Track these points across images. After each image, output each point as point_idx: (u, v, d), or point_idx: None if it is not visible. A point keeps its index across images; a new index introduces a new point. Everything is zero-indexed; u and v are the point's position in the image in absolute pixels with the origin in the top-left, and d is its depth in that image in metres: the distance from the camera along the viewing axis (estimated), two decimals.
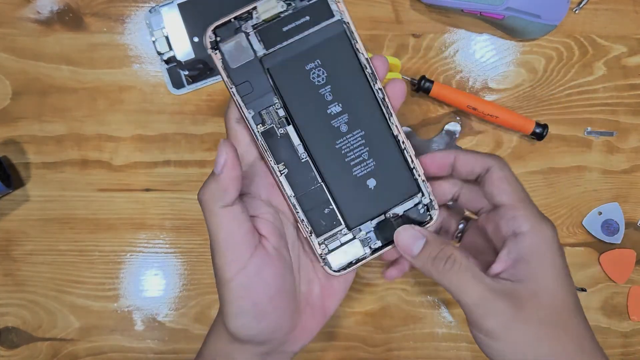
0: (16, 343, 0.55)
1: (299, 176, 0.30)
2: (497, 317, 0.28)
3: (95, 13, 0.56)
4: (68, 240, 0.55)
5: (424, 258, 0.30)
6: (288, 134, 0.30)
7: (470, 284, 0.28)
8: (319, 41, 0.29)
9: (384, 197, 0.31)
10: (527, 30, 0.55)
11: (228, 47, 0.29)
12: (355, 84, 0.29)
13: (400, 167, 0.31)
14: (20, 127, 0.55)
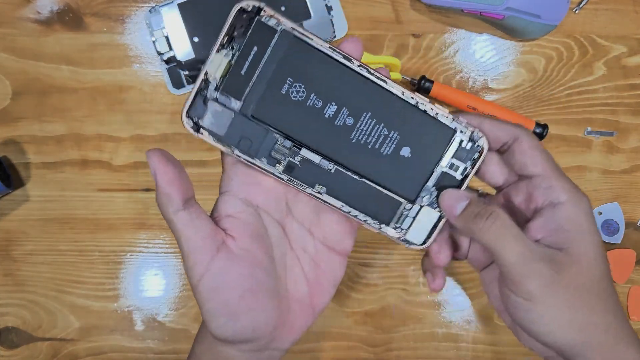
0: (16, 343, 0.55)
1: (338, 185, 0.30)
2: (538, 278, 0.27)
3: (95, 13, 0.56)
4: (68, 240, 0.55)
5: (466, 216, 0.29)
6: (305, 157, 0.29)
7: (512, 242, 0.27)
8: (278, 61, 0.28)
9: (425, 157, 0.30)
10: (527, 30, 0.55)
11: (207, 121, 0.29)
12: (333, 78, 0.28)
13: (423, 121, 0.30)
14: (20, 127, 0.55)
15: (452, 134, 0.30)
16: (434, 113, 0.30)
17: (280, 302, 0.31)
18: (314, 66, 0.28)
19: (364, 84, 0.29)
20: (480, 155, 0.30)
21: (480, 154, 0.31)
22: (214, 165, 0.56)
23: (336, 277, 0.34)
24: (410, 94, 0.29)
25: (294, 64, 0.28)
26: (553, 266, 0.27)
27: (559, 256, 0.28)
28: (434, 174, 0.31)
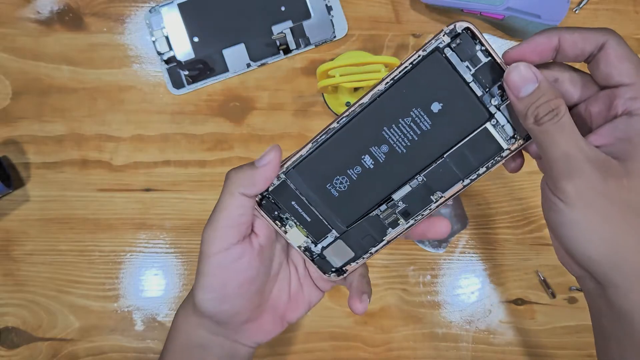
0: (16, 343, 0.55)
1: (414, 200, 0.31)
2: (580, 179, 0.26)
3: (95, 13, 0.56)
4: (68, 240, 0.55)
5: (528, 102, 0.27)
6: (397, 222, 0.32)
7: (564, 138, 0.26)
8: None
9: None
10: (527, 30, 0.55)
11: (331, 255, 0.33)
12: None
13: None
14: (20, 127, 0.55)
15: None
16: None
17: (261, 301, 0.34)
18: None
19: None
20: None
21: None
22: (214, 166, 0.56)
23: (312, 303, 0.37)
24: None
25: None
26: (602, 173, 0.26)
27: (613, 165, 0.26)
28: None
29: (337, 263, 0.33)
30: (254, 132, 0.56)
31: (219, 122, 0.56)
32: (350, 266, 0.33)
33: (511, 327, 0.56)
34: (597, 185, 0.25)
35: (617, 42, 0.27)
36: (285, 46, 0.56)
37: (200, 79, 0.56)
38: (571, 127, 0.26)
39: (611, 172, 0.26)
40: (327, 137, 0.30)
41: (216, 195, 0.31)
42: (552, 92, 0.27)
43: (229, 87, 0.56)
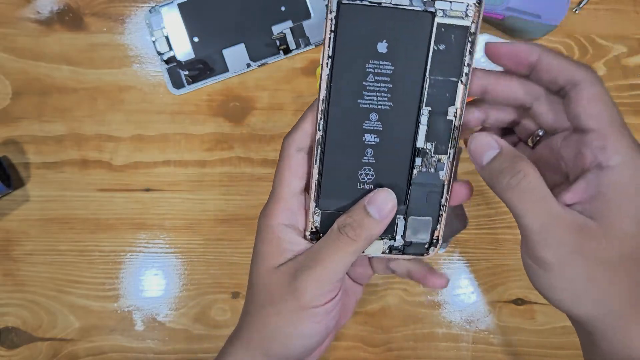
0: (16, 343, 0.55)
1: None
2: (557, 248, 0.25)
3: (95, 13, 0.56)
4: (68, 240, 0.55)
5: (492, 168, 0.26)
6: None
7: (536, 206, 0.25)
8: None
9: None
10: (527, 30, 0.55)
11: (415, 235, 0.31)
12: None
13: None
14: (20, 127, 0.55)
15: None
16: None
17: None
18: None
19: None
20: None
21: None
22: (213, 166, 0.56)
23: (357, 298, 0.36)
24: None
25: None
26: (579, 236, 0.25)
27: (590, 226, 0.25)
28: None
29: (426, 237, 0.31)
30: (253, 132, 0.56)
31: (218, 122, 0.56)
32: (438, 230, 0.31)
33: (511, 327, 0.56)
34: (577, 250, 0.25)
35: (592, 82, 0.26)
36: (285, 46, 0.56)
37: (200, 79, 0.56)
38: (541, 192, 0.25)
39: (589, 234, 0.25)
40: (323, 148, 0.29)
41: (216, 195, 0.31)
42: (515, 156, 0.26)
43: (228, 87, 0.56)
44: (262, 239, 0.30)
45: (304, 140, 0.29)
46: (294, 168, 0.29)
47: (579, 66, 0.26)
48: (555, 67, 0.26)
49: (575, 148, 0.27)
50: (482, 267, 0.56)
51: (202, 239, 0.55)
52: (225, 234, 0.55)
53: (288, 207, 0.29)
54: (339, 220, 0.29)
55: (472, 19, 0.27)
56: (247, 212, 0.55)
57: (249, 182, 0.56)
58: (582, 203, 0.26)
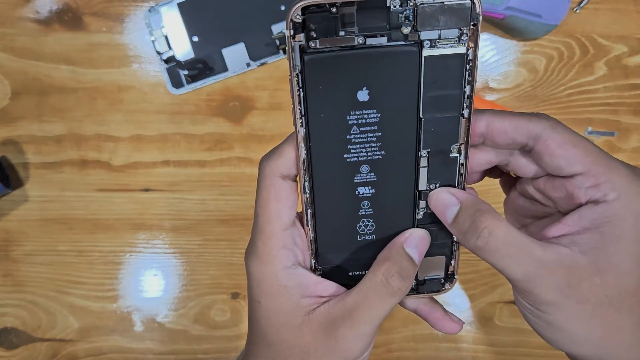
0: (15, 343, 0.55)
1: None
2: (547, 293, 0.24)
3: (95, 12, 0.56)
4: (67, 240, 0.55)
5: (457, 228, 0.25)
6: None
7: (513, 259, 0.23)
8: None
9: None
10: (527, 29, 0.55)
11: (429, 273, 0.30)
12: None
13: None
14: (19, 127, 0.55)
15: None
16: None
17: None
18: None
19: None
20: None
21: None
22: (213, 166, 0.56)
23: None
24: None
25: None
26: (569, 276, 0.23)
27: (580, 263, 0.23)
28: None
29: (441, 273, 0.30)
30: (253, 132, 0.56)
31: (218, 122, 0.56)
32: (453, 265, 0.29)
33: (512, 327, 0.55)
34: (569, 292, 0.23)
35: (553, 129, 0.24)
36: (285, 46, 0.56)
37: (199, 79, 0.55)
38: (514, 242, 0.24)
39: (580, 273, 0.23)
40: (313, 209, 0.26)
41: (215, 196, 0.31)
42: (477, 211, 0.25)
43: (228, 87, 0.56)
44: (265, 293, 0.26)
45: (289, 168, 0.25)
46: (282, 198, 0.26)
47: (531, 118, 0.25)
48: (509, 129, 0.25)
49: (563, 190, 0.25)
50: (482, 267, 0.55)
51: (202, 240, 0.55)
52: (224, 234, 0.55)
53: (283, 245, 0.26)
54: (384, 269, 0.26)
55: (468, 45, 0.23)
56: (246, 213, 0.55)
57: (248, 183, 0.55)
58: (573, 235, 0.24)
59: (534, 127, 0.24)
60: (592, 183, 0.24)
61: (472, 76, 0.24)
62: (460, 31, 0.23)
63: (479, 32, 0.23)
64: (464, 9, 0.23)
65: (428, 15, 0.23)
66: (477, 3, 0.22)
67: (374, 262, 0.27)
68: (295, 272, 0.26)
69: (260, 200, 0.26)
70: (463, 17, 0.23)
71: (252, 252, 0.26)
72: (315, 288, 0.27)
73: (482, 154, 0.27)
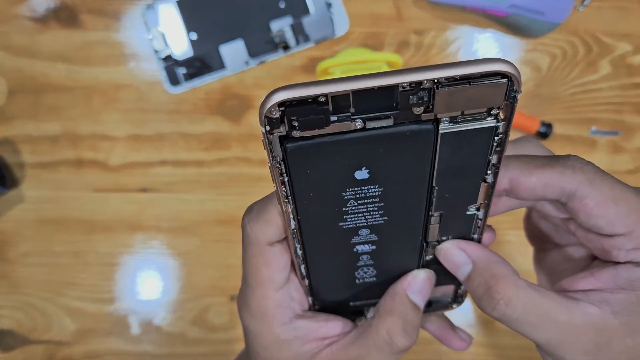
0: (11, 346, 0.54)
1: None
2: (575, 356, 0.22)
3: (91, 10, 0.55)
4: (63, 241, 0.55)
5: (471, 291, 0.23)
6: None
7: (535, 328, 0.22)
8: None
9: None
10: (530, 27, 0.54)
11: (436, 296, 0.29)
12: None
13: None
14: (15, 126, 0.55)
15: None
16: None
17: None
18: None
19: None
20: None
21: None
22: (211, 165, 0.55)
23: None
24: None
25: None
26: (600, 338, 0.22)
27: (611, 326, 0.22)
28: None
29: (449, 297, 0.29)
30: (252, 132, 0.55)
31: (216, 121, 0.55)
32: (462, 289, 0.28)
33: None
34: (599, 355, 0.22)
35: (591, 185, 0.21)
36: (284, 43, 0.55)
37: (197, 77, 0.55)
38: (535, 309, 0.22)
39: (611, 335, 0.22)
40: (306, 265, 0.24)
41: (213, 196, 0.30)
42: (491, 276, 0.23)
43: (226, 85, 0.55)
44: (264, 347, 0.25)
45: (278, 235, 0.23)
46: (272, 264, 0.24)
47: (564, 171, 0.22)
48: (535, 187, 0.22)
49: (599, 245, 0.23)
50: None
51: (200, 241, 0.55)
52: (223, 235, 0.55)
53: (278, 304, 0.25)
54: (387, 326, 0.25)
55: (499, 116, 0.19)
56: None
57: (247, 183, 0.55)
58: (604, 292, 0.22)
59: (569, 183, 0.21)
60: (635, 245, 0.22)
61: (501, 147, 0.20)
62: (489, 109, 0.18)
63: (515, 107, 0.18)
64: (497, 88, 0.17)
65: (449, 98, 0.17)
66: (516, 80, 0.17)
67: (377, 311, 0.26)
68: (294, 325, 0.25)
69: (248, 265, 0.24)
70: (496, 96, 0.18)
71: (246, 307, 0.25)
72: (317, 333, 0.26)
73: (504, 202, 0.25)
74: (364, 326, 0.25)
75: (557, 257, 0.28)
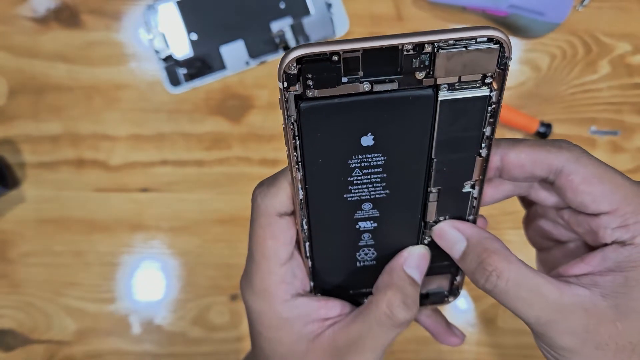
0: (12, 345, 0.54)
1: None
2: (564, 337, 0.23)
3: (92, 10, 0.55)
4: (64, 241, 0.55)
5: (465, 267, 0.24)
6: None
7: (524, 302, 0.22)
8: None
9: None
10: (530, 27, 0.54)
11: (432, 288, 0.29)
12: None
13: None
14: (16, 126, 0.55)
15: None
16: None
17: None
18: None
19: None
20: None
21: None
22: (212, 165, 0.55)
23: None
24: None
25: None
26: (589, 320, 0.22)
27: (599, 307, 0.22)
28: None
29: (445, 288, 0.29)
30: (252, 131, 0.55)
31: (217, 121, 0.55)
32: (457, 281, 0.28)
33: (515, 329, 0.55)
34: (587, 337, 0.22)
35: (577, 162, 0.22)
36: (284, 44, 0.55)
37: (198, 77, 0.55)
38: (525, 284, 0.22)
39: (601, 317, 0.22)
40: (310, 243, 0.25)
41: (214, 196, 0.30)
42: (484, 250, 0.23)
43: (227, 85, 0.55)
44: (266, 326, 0.26)
45: (286, 206, 0.24)
46: (279, 236, 0.24)
47: (551, 149, 0.22)
48: (527, 162, 0.23)
49: (587, 226, 0.24)
50: None
51: (200, 240, 0.55)
52: (223, 235, 0.55)
53: (281, 280, 0.25)
54: (387, 300, 0.25)
55: (492, 86, 0.21)
56: (245, 213, 0.54)
57: (247, 182, 0.55)
58: (595, 275, 0.23)
59: (555, 159, 0.22)
60: (620, 223, 0.22)
61: (494, 117, 0.21)
62: (484, 76, 0.20)
63: (507, 76, 0.20)
64: (490, 53, 0.19)
65: (448, 62, 0.19)
66: (507, 46, 0.19)
67: (376, 288, 0.26)
68: (296, 303, 0.26)
69: (255, 237, 0.25)
70: (489, 62, 0.20)
71: (249, 286, 0.26)
72: (319, 312, 0.26)
73: (498, 187, 0.25)
74: (364, 305, 0.26)
75: (558, 254, 0.28)
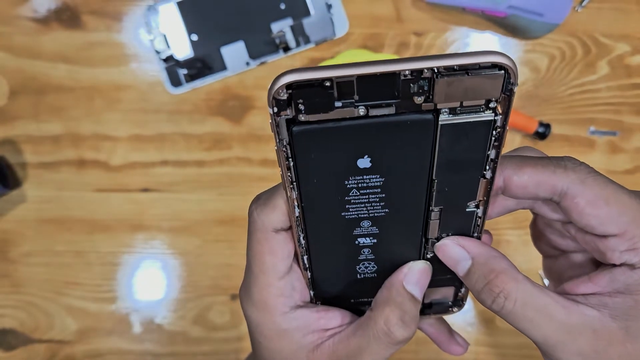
0: (13, 345, 0.55)
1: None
2: (574, 357, 0.22)
3: (93, 11, 0.55)
4: (65, 241, 0.55)
5: (470, 286, 0.23)
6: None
7: (533, 325, 0.22)
8: None
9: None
10: (529, 28, 0.54)
11: (435, 299, 0.29)
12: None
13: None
14: (17, 126, 0.55)
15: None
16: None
17: None
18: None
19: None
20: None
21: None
22: (212, 166, 0.55)
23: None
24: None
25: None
26: (598, 341, 0.22)
27: (608, 328, 0.22)
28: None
29: (449, 299, 0.29)
30: (253, 132, 0.55)
31: (217, 122, 0.55)
32: (462, 293, 0.28)
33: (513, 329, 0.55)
34: (596, 359, 0.22)
35: (583, 184, 0.21)
36: (284, 44, 0.55)
37: (198, 78, 0.55)
38: (533, 304, 0.22)
39: (610, 339, 0.22)
40: (309, 256, 0.25)
41: (214, 196, 0.31)
42: (491, 271, 0.23)
43: (227, 85, 0.56)
44: (265, 336, 0.26)
45: (282, 222, 0.23)
46: (276, 251, 0.24)
47: (556, 170, 0.21)
48: (527, 185, 0.22)
49: (595, 246, 0.23)
50: None
51: (201, 240, 0.55)
52: (223, 235, 0.55)
53: (280, 293, 0.25)
54: (385, 317, 0.24)
55: (497, 110, 0.19)
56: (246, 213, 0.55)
57: (248, 183, 0.55)
58: (603, 296, 0.22)
59: (559, 181, 0.21)
60: (629, 247, 0.21)
61: (499, 141, 0.20)
62: (487, 101, 0.19)
63: (513, 101, 0.19)
64: (495, 79, 0.18)
65: (448, 88, 0.18)
66: (512, 72, 0.18)
67: (375, 303, 0.26)
68: (295, 315, 0.25)
69: (253, 252, 0.24)
70: (494, 88, 0.18)
71: (248, 297, 0.25)
72: (319, 323, 0.26)
73: (500, 203, 0.25)
74: (364, 317, 0.26)
75: (564, 263, 0.28)
